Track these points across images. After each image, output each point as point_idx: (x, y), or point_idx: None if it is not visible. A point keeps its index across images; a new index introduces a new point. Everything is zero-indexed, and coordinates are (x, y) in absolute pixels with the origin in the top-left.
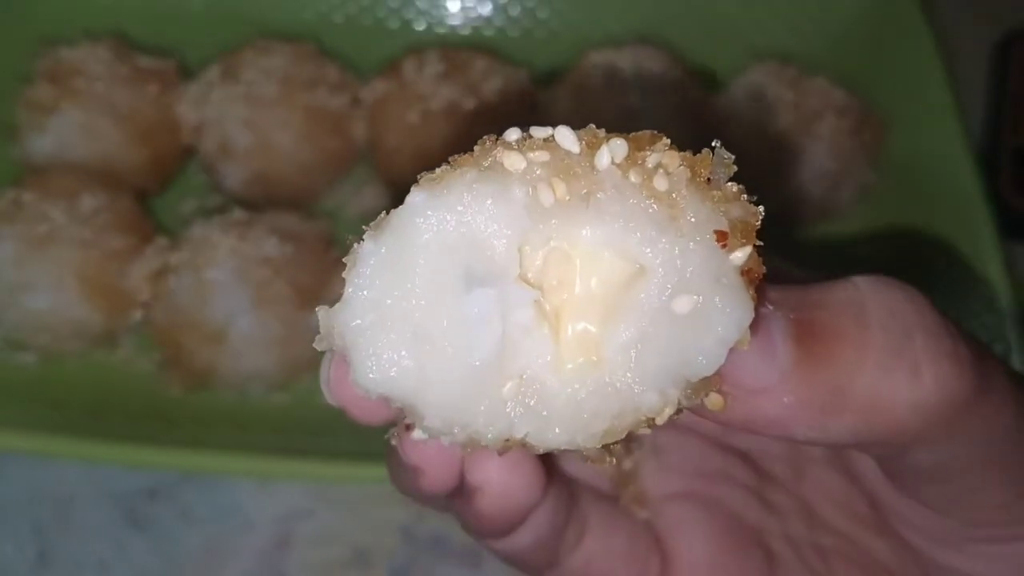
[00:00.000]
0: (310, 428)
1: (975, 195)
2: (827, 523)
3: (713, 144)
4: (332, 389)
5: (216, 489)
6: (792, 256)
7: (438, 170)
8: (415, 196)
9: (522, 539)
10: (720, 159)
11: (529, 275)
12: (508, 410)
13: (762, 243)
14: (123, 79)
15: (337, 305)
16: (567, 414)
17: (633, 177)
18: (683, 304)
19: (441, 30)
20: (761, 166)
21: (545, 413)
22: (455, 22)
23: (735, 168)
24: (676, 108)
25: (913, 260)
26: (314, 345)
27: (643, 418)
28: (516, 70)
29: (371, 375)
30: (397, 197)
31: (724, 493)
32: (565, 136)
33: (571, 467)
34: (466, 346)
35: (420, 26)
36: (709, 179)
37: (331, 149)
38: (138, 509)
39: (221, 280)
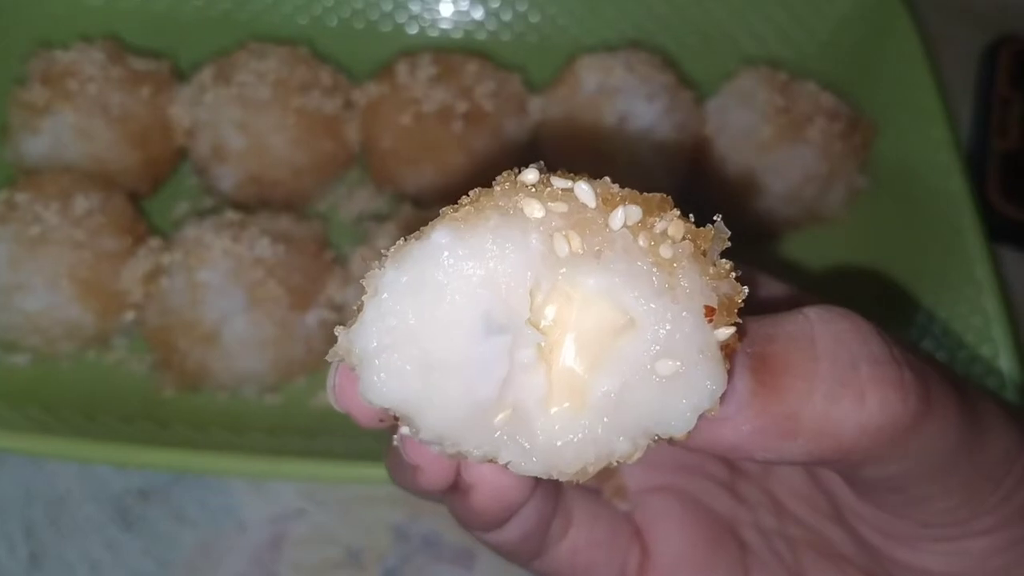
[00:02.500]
0: (303, 429)
1: (963, 199)
2: (794, 515)
3: (715, 218)
4: (337, 396)
5: (209, 490)
6: (781, 259)
7: (461, 209)
8: (440, 235)
9: (511, 532)
10: (719, 234)
11: (537, 319)
12: (496, 436)
13: (741, 322)
14: (116, 81)
15: (355, 327)
16: (546, 450)
17: (642, 241)
18: (665, 367)
19: (433, 34)
20: (751, 169)
21: (527, 446)
22: (447, 26)
23: (729, 243)
24: (667, 112)
25: (901, 262)
26: (327, 358)
27: (615, 461)
28: (508, 74)
29: (378, 390)
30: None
31: (699, 487)
32: (583, 191)
33: None
34: (474, 382)
35: (413, 30)
36: (705, 252)
37: (324, 151)
38: (131, 510)
39: (214, 281)
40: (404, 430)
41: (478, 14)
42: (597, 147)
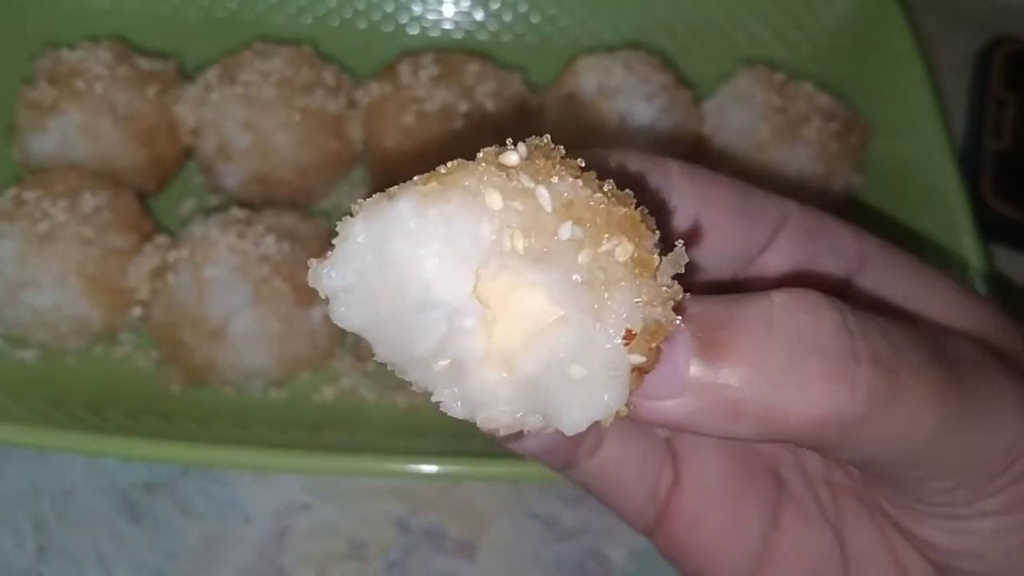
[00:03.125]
0: (307, 424)
1: (957, 198)
2: (843, 466)
3: (675, 243)
4: None
5: (214, 483)
6: None
7: (431, 181)
8: (404, 204)
9: (531, 444)
10: (674, 260)
11: (483, 293)
12: (433, 375)
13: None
14: (123, 80)
15: (326, 262)
16: (473, 403)
17: (582, 257)
18: (575, 371)
19: (435, 34)
20: (748, 168)
21: (457, 391)
22: (449, 26)
23: (683, 270)
24: (666, 112)
25: None
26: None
27: (529, 430)
28: (509, 74)
29: (343, 318)
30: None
31: None
32: (543, 195)
33: None
34: (414, 338)
35: (414, 30)
36: (656, 274)
37: (328, 150)
38: (137, 503)
39: (220, 277)
40: None
41: (479, 15)
42: (596, 146)
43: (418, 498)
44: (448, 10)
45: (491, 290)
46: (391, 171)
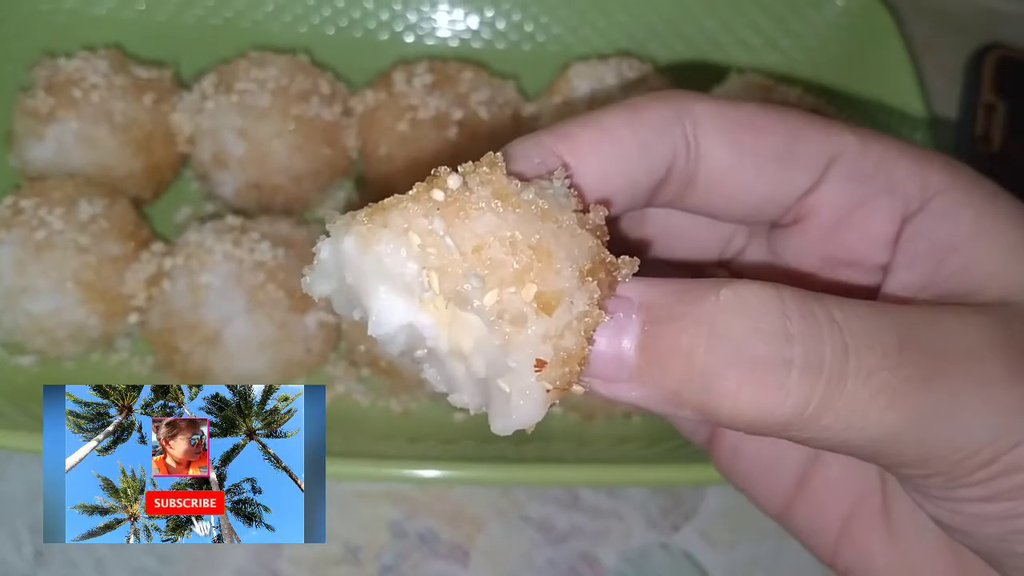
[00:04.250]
0: None
1: None
2: None
3: (623, 257)
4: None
5: None
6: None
7: (373, 214)
8: (347, 243)
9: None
10: (625, 270)
11: (430, 310)
12: (420, 360)
13: (580, 373)
14: (119, 89)
15: (308, 274)
16: (452, 384)
17: (488, 299)
18: (503, 385)
19: (430, 42)
20: None
21: (437, 373)
22: (443, 35)
23: (629, 279)
24: None
25: None
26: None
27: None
28: (503, 82)
29: (339, 311)
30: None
31: None
32: (449, 243)
33: None
34: (387, 339)
35: (409, 39)
36: (562, 310)
37: (323, 158)
38: None
39: (215, 284)
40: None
41: (473, 23)
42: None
43: (412, 502)
44: (442, 19)
45: (438, 305)
46: (386, 179)
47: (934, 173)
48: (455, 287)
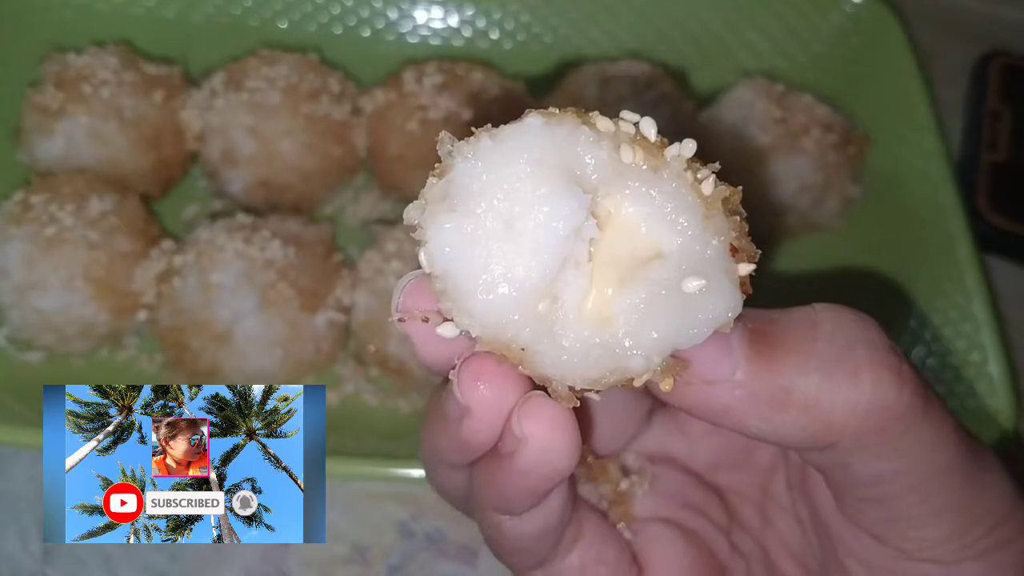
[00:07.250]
0: None
1: (953, 209)
2: (783, 573)
3: (738, 186)
4: (402, 311)
5: None
6: (777, 266)
7: (547, 111)
8: (533, 119)
9: (533, 522)
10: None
11: (597, 214)
12: (533, 327)
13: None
14: (129, 85)
15: (441, 180)
16: (573, 352)
17: (689, 174)
18: (692, 284)
19: (437, 42)
20: (748, 178)
21: (557, 343)
22: (451, 34)
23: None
24: (668, 121)
25: (894, 270)
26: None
27: (626, 378)
28: (511, 81)
29: (440, 256)
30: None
31: (701, 525)
32: (648, 122)
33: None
34: (535, 257)
35: (417, 38)
36: (733, 209)
37: (332, 156)
38: None
39: (226, 282)
40: (446, 329)
41: (481, 23)
42: None
43: (420, 503)
44: (451, 18)
45: (605, 209)
46: (395, 178)
47: None
48: (656, 160)
